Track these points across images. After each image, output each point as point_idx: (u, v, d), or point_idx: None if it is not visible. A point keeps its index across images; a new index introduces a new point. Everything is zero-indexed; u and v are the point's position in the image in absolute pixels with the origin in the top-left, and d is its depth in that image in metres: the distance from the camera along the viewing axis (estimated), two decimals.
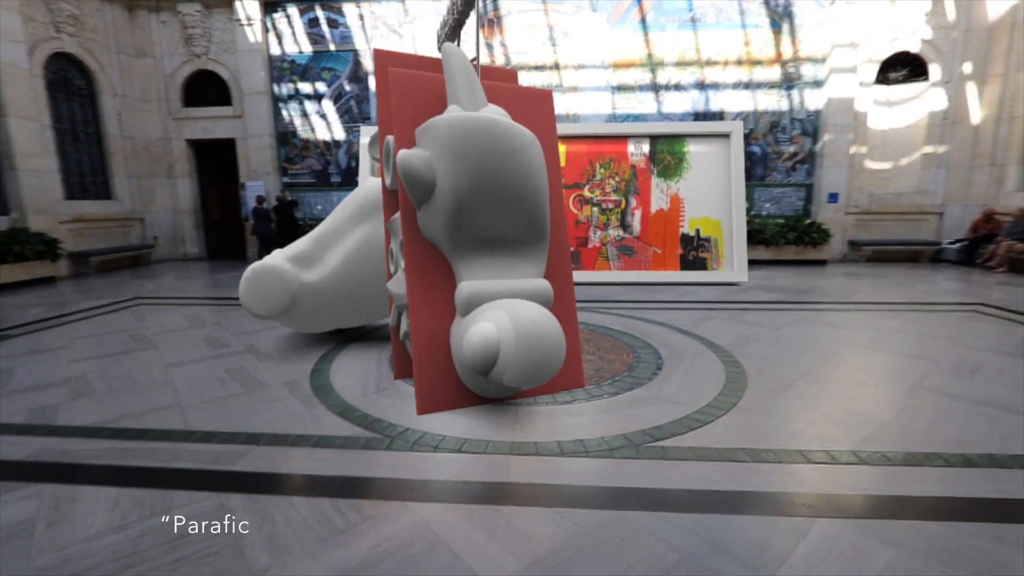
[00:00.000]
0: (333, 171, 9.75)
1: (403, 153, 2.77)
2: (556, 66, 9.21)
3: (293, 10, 9.53)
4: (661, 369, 3.54)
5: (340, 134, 9.62)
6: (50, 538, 1.81)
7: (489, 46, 9.23)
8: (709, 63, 9.07)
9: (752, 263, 8.87)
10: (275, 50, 9.65)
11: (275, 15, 9.56)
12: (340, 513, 1.93)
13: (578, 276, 7.76)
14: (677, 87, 9.13)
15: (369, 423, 2.75)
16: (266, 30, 9.53)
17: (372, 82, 9.63)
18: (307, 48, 9.67)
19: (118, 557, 1.70)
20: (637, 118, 9.30)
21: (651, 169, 8.20)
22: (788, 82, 9.02)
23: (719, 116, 9.16)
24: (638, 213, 8.14)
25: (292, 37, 9.62)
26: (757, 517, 1.88)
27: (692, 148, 8.17)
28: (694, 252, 7.91)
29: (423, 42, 9.34)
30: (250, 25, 9.51)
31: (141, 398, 3.25)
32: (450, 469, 2.29)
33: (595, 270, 8.01)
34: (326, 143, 9.72)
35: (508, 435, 2.57)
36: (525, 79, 9.28)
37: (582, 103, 9.24)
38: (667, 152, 8.21)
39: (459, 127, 2.67)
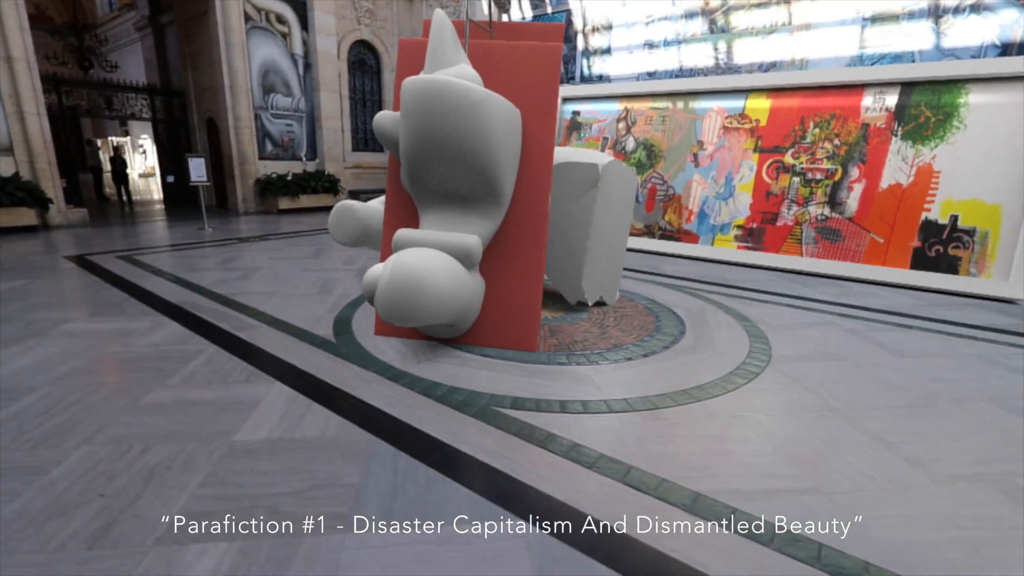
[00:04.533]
0: None
1: (380, 113, 2.89)
2: (785, 0, 6.93)
3: None
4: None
5: None
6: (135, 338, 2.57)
7: None
8: None
9: None
10: (504, 18, 9.90)
11: None
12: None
13: (755, 258, 6.05)
14: (976, 8, 5.83)
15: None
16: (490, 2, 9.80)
17: (580, 41, 9.02)
18: (529, 13, 9.60)
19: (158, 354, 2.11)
20: (896, 59, 6.36)
21: (893, 129, 5.62)
22: None
23: None
24: (858, 187, 5.74)
25: (518, 4, 9.66)
26: None
27: (974, 98, 5.22)
28: (940, 247, 5.23)
29: None
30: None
31: (267, 284, 4.25)
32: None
33: (779, 253, 6.09)
34: None
35: None
36: (743, 20, 7.30)
37: (815, 45, 6.77)
38: (927, 105, 5.46)
39: (405, 90, 2.55)
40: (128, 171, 12.14)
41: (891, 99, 5.61)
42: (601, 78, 8.80)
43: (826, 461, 1.80)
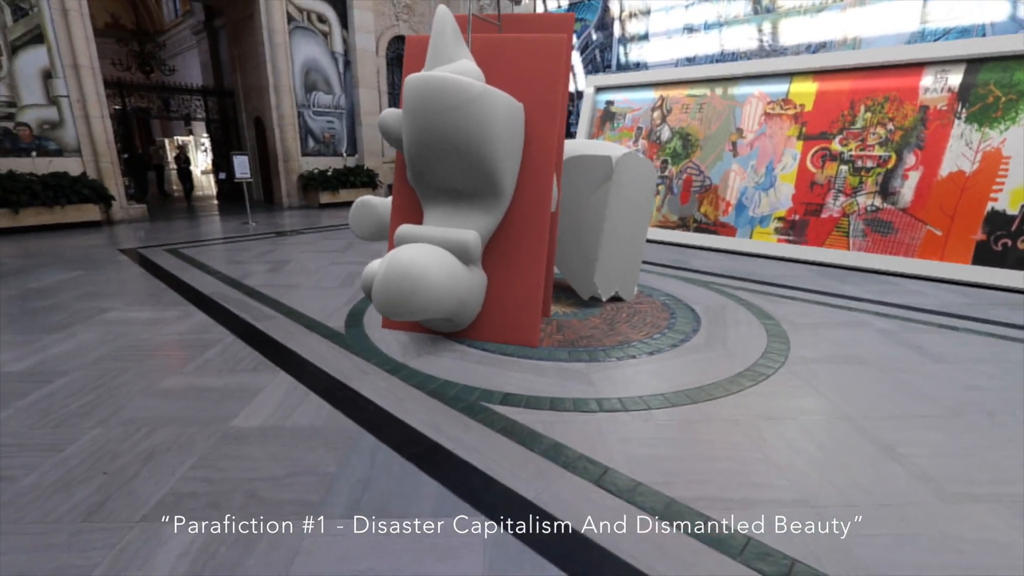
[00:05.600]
0: (573, 122, 9.55)
1: (385, 111, 2.95)
2: None
3: None
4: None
5: (582, 84, 9.25)
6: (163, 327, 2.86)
7: None
8: None
9: None
10: (539, 7, 9.76)
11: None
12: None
13: (796, 251, 5.73)
14: None
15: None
16: None
17: (617, 28, 8.78)
18: (564, 2, 9.44)
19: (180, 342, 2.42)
20: (964, 33, 5.77)
21: (956, 111, 5.13)
22: None
23: None
24: (914, 176, 5.29)
25: None
26: None
27: None
28: (1008, 240, 4.75)
29: None
30: None
31: (294, 277, 4.44)
32: None
33: (823, 247, 5.73)
34: (570, 94, 9.51)
35: None
36: None
37: (870, 22, 6.26)
38: (996, 84, 4.95)
39: (407, 87, 2.58)
40: (192, 168, 12.96)
41: (955, 78, 5.14)
42: (639, 66, 8.54)
43: (821, 472, 1.69)
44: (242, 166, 7.51)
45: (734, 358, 2.64)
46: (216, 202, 11.88)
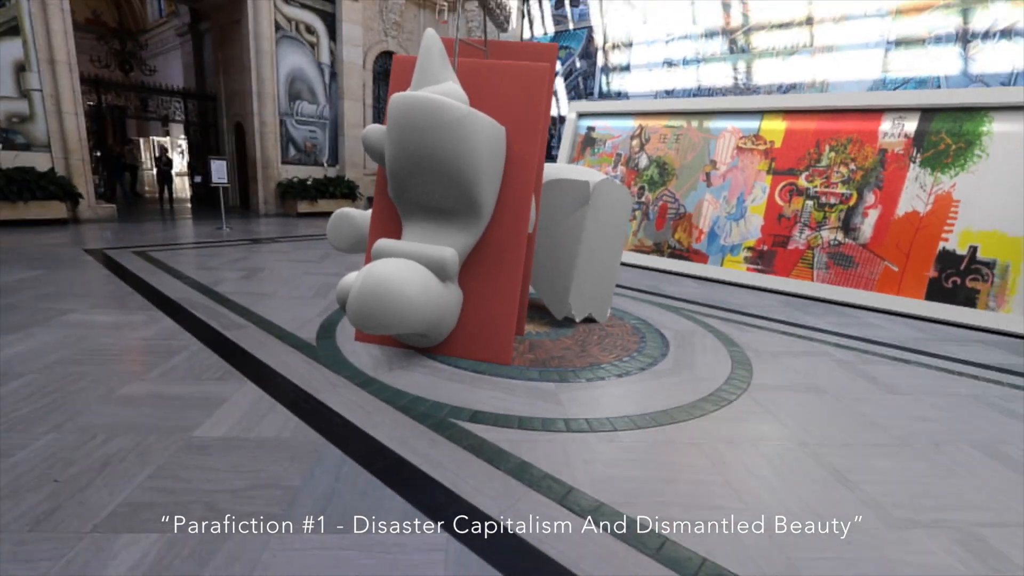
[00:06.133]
0: (555, 145, 9.76)
1: (368, 126, 2.99)
2: (808, 21, 6.83)
3: None
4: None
5: (565, 109, 9.48)
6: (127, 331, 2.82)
7: (726, 6, 7.47)
8: None
9: None
10: (526, 34, 10.03)
11: (530, 2, 9.87)
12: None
13: (763, 280, 5.93)
14: (1006, 33, 5.64)
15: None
16: (521, 16, 9.95)
17: (600, 57, 9.07)
18: (551, 30, 9.70)
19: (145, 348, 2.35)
20: (921, 84, 6.18)
21: (912, 155, 5.46)
22: None
23: None
24: (873, 214, 5.58)
25: (541, 20, 9.79)
26: None
27: (998, 127, 5.05)
28: (957, 278, 5.04)
29: (653, 9, 8.22)
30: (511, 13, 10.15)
31: (267, 285, 4.38)
32: None
33: (789, 277, 5.95)
34: (552, 118, 9.73)
35: None
36: (763, 41, 7.22)
37: (836, 68, 6.64)
38: (947, 132, 5.30)
39: (392, 105, 2.61)
40: (173, 171, 12.44)
41: (911, 125, 5.48)
42: (620, 95, 8.82)
43: (775, 495, 1.76)
44: (220, 171, 7.41)
45: (699, 383, 2.72)
46: (189, 206, 11.63)
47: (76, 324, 3.11)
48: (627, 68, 8.72)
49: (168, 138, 22.50)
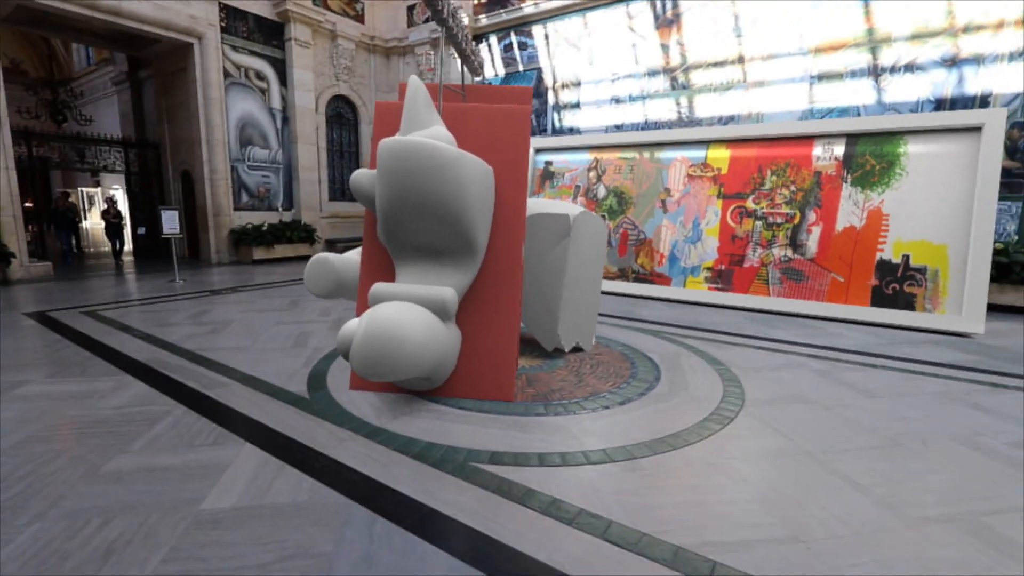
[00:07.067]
0: None
1: (356, 172, 3.00)
2: (739, 60, 7.49)
3: (493, 39, 10.02)
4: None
5: None
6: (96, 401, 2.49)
7: (665, 48, 8.07)
8: (968, 30, 6.10)
9: (1007, 311, 5.75)
10: (477, 76, 10.39)
11: (479, 45, 10.25)
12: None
13: (725, 298, 6.23)
14: (910, 68, 6.41)
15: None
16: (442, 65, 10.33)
17: (551, 96, 9.49)
18: (501, 71, 10.07)
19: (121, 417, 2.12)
20: (843, 112, 6.87)
21: (843, 176, 6.00)
22: None
23: (979, 103, 6.11)
24: (816, 230, 6.04)
25: (491, 62, 10.17)
26: None
27: (913, 148, 5.65)
28: (896, 284, 5.50)
29: (598, 50, 8.74)
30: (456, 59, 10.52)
31: (239, 339, 4.15)
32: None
33: (747, 293, 6.29)
34: None
35: None
36: (701, 78, 7.83)
37: (768, 100, 7.27)
38: (871, 155, 5.86)
39: (382, 150, 2.62)
40: (124, 223, 11.27)
41: (839, 149, 6.02)
42: (572, 130, 9.21)
43: (802, 508, 1.82)
44: (171, 221, 7.05)
45: (698, 403, 2.80)
46: (132, 259, 10.94)
47: (35, 397, 2.83)
48: (577, 105, 9.15)
49: (99, 189, 21.29)
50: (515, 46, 9.71)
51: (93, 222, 18.08)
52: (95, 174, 16.90)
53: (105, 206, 10.83)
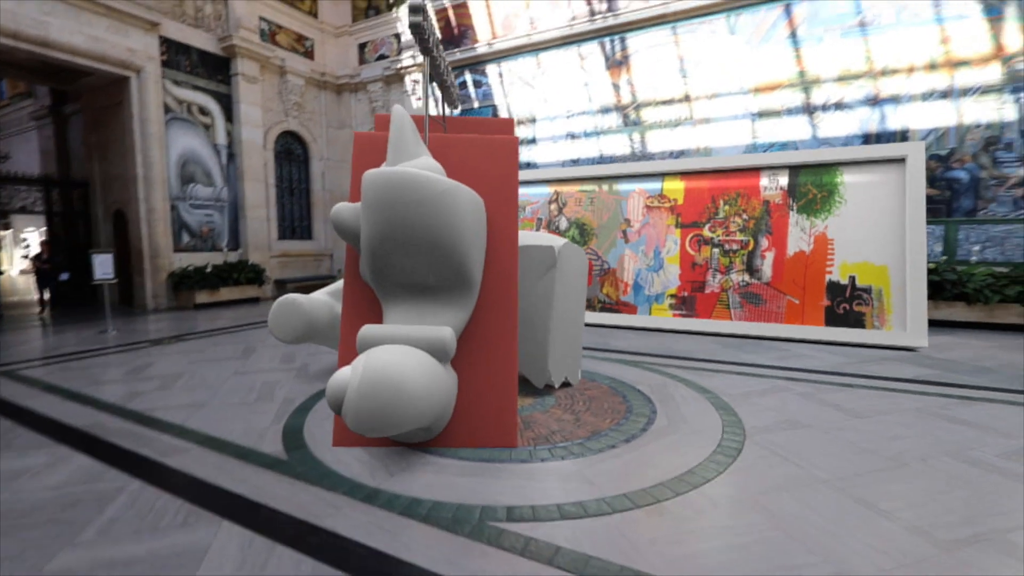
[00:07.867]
0: None
1: (338, 205, 2.83)
2: (686, 98, 7.97)
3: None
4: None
5: None
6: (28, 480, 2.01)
7: (616, 87, 8.46)
8: (885, 73, 6.81)
9: (943, 325, 6.24)
10: (433, 111, 10.44)
11: (434, 84, 10.36)
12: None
13: (690, 324, 6.37)
14: (839, 106, 7.05)
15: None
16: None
17: None
18: (456, 108, 10.23)
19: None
20: (784, 146, 7.41)
21: (789, 204, 6.40)
22: (1015, 83, 6.23)
23: (900, 137, 6.78)
24: (770, 256, 6.36)
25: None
26: None
27: (848, 178, 6.12)
28: (846, 304, 5.84)
29: (554, 92, 9.03)
30: (415, 95, 10.53)
31: (194, 394, 3.72)
32: None
33: (711, 319, 6.48)
34: None
35: None
36: (652, 115, 8.24)
37: (715, 135, 7.74)
38: (812, 184, 6.29)
39: (368, 182, 2.49)
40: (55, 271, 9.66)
41: (784, 180, 6.42)
42: (529, 164, 9.35)
43: (839, 540, 1.77)
44: (104, 265, 6.41)
45: (702, 436, 2.75)
46: (50, 309, 9.84)
47: None
48: (533, 141, 9.34)
49: (9, 231, 19.35)
50: (470, 83, 9.86)
51: (8, 270, 16.31)
52: (3, 216, 15.35)
53: (39, 250, 9.58)
